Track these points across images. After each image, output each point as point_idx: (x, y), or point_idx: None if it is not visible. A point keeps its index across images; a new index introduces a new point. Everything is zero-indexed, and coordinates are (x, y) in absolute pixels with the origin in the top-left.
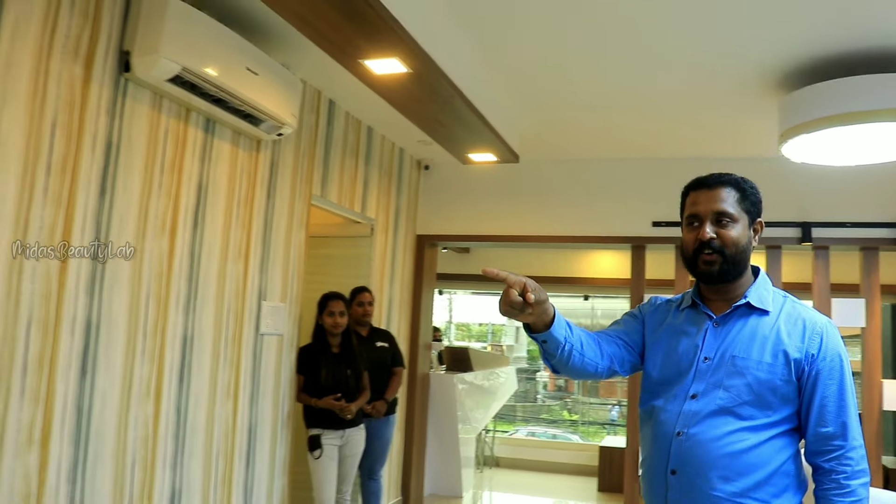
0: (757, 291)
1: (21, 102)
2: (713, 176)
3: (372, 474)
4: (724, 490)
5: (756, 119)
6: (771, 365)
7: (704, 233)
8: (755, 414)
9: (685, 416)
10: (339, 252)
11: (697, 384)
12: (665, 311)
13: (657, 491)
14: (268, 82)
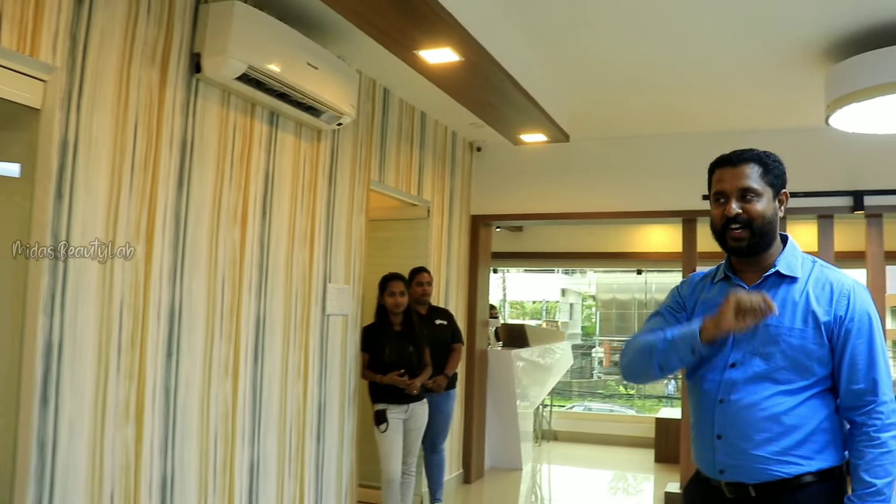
0: (786, 259)
1: (108, 107)
2: (736, 153)
3: (434, 447)
4: (767, 450)
5: (804, 90)
6: (802, 330)
7: (731, 209)
8: (792, 378)
9: (726, 384)
10: (397, 234)
11: (735, 353)
12: (701, 287)
13: (706, 454)
14: (327, 75)
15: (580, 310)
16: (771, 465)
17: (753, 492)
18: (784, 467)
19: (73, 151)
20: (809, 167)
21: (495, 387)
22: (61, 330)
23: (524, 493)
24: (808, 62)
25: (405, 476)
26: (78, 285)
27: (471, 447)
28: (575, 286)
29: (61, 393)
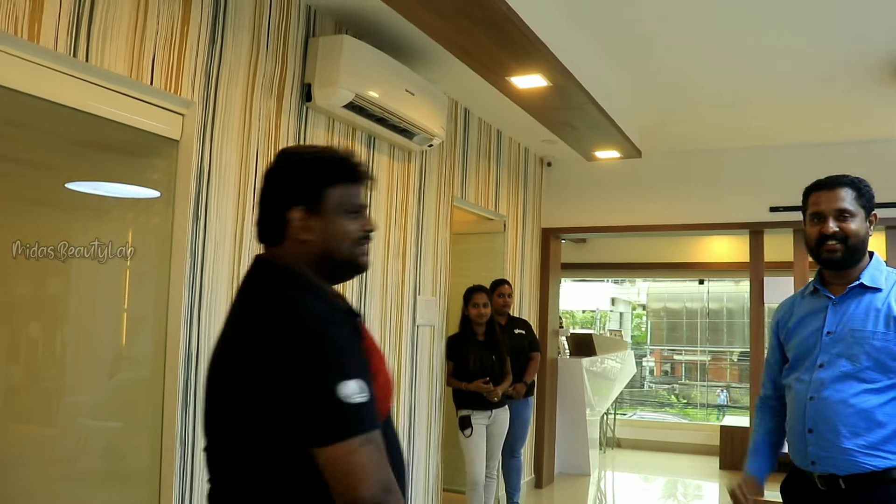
0: (870, 273)
1: (235, 136)
2: (831, 178)
3: (513, 452)
4: (854, 444)
5: (874, 104)
6: (885, 333)
7: (828, 227)
8: (877, 377)
9: (815, 384)
10: (475, 247)
11: (823, 355)
12: (792, 304)
13: (799, 448)
14: (422, 100)
15: (630, 319)
16: (859, 457)
17: (843, 484)
18: (872, 460)
19: (206, 178)
20: (878, 178)
21: (565, 395)
22: (198, 341)
23: (593, 497)
24: (881, 78)
25: (487, 479)
26: (212, 301)
27: (542, 453)
28: (624, 295)
29: (199, 399)
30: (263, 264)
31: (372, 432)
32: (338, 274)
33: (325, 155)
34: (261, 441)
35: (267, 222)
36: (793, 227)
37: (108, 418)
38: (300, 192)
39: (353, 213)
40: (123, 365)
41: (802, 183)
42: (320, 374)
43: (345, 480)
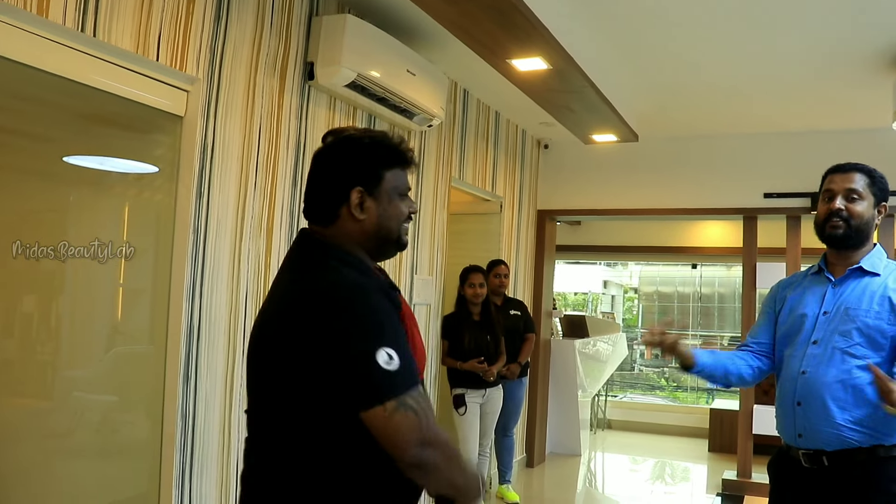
0: (870, 259)
1: (238, 113)
2: (849, 163)
3: (506, 431)
4: (841, 417)
5: (868, 93)
6: (878, 312)
7: (835, 204)
8: (868, 354)
9: (808, 358)
10: (471, 227)
11: (818, 332)
12: (791, 283)
13: (787, 420)
14: (423, 81)
15: (622, 302)
16: (845, 431)
17: (827, 461)
18: (857, 435)
19: (210, 154)
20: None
21: (557, 376)
22: (199, 316)
23: (583, 477)
24: (875, 68)
25: (480, 457)
26: (214, 276)
27: (534, 433)
28: (616, 278)
29: (199, 373)
30: (311, 239)
31: (407, 395)
32: (384, 251)
33: (383, 140)
34: (303, 403)
35: (322, 201)
36: (786, 214)
37: (108, 391)
38: (360, 173)
39: (403, 196)
40: (120, 339)
41: (796, 170)
42: (358, 340)
43: (387, 443)
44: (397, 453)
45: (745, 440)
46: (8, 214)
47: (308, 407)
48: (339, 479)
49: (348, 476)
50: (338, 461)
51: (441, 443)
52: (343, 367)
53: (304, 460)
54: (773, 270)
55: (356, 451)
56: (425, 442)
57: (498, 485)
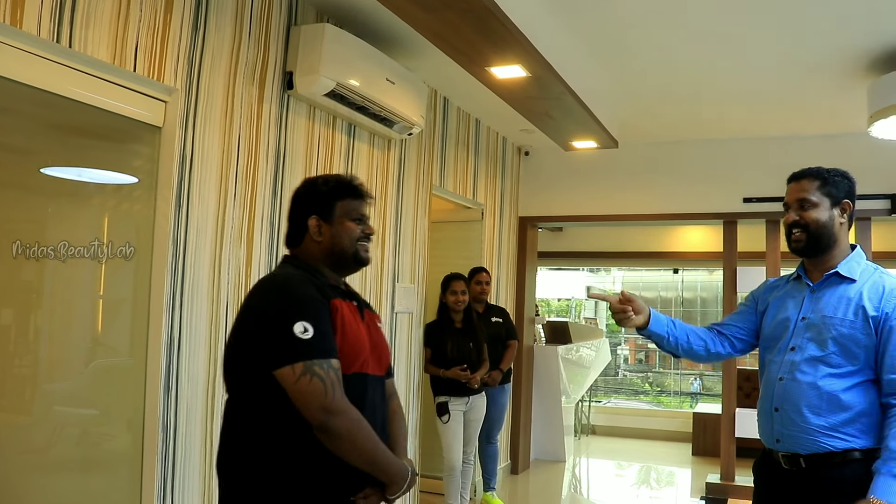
0: (848, 264)
1: (217, 123)
2: (801, 170)
3: (490, 438)
4: (815, 423)
5: (844, 99)
6: (852, 322)
7: (790, 217)
8: (842, 363)
9: (786, 365)
10: (453, 235)
11: (796, 339)
12: (776, 286)
13: (766, 425)
14: (402, 89)
15: (605, 307)
16: (820, 437)
17: (804, 463)
18: (832, 441)
19: (189, 165)
20: (848, 171)
21: (541, 382)
22: (180, 327)
23: (568, 483)
24: (850, 73)
25: (464, 465)
26: (193, 287)
27: (518, 439)
28: (599, 284)
29: (181, 384)
30: (283, 257)
31: (315, 362)
32: (343, 265)
33: (335, 177)
34: (244, 367)
35: (291, 229)
36: (765, 218)
37: (88, 405)
38: (316, 204)
39: (356, 220)
40: (101, 352)
41: (775, 175)
42: (280, 311)
43: (296, 403)
44: (305, 414)
45: (727, 444)
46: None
47: (246, 370)
48: (272, 436)
49: (279, 433)
50: (269, 419)
51: (348, 415)
52: (266, 333)
53: (246, 417)
54: (754, 274)
55: (284, 410)
56: (329, 410)
57: (483, 492)
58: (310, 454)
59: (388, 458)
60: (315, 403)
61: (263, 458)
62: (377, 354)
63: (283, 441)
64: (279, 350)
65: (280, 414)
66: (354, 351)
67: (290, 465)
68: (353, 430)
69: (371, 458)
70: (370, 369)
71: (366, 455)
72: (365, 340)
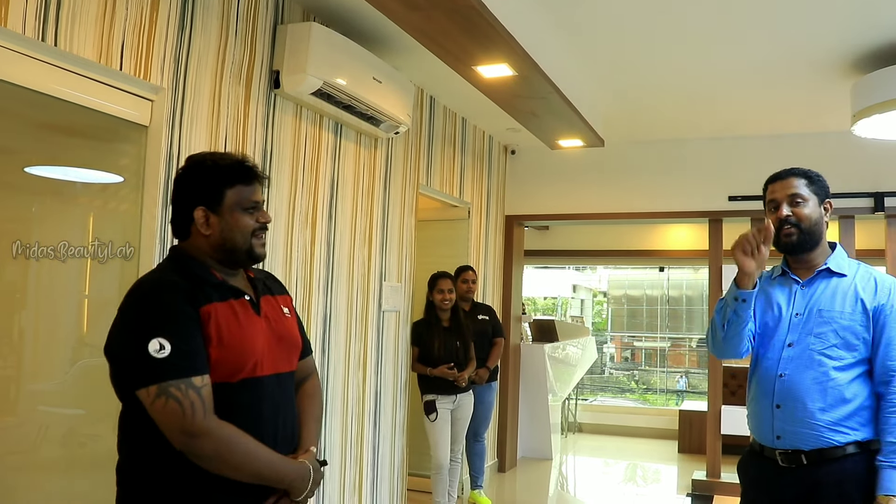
0: (835, 260)
1: (203, 122)
2: (784, 170)
3: (477, 436)
4: (821, 419)
5: (828, 97)
6: (851, 314)
7: (782, 212)
8: (843, 355)
9: (784, 361)
10: (439, 234)
11: (791, 335)
12: (759, 280)
13: (765, 423)
14: (389, 88)
15: (591, 306)
16: (824, 432)
17: (805, 459)
18: (835, 435)
19: (176, 164)
20: (832, 170)
21: (527, 380)
22: None
23: (555, 480)
24: (834, 73)
25: (452, 463)
26: None
27: (505, 437)
28: (586, 282)
29: None
30: (171, 249)
31: (171, 383)
32: (235, 260)
33: (223, 159)
34: (115, 384)
35: (176, 220)
36: (750, 216)
37: (74, 405)
38: (202, 193)
39: (250, 210)
40: (86, 351)
41: (760, 173)
42: (135, 329)
43: (159, 426)
44: (168, 437)
45: (713, 441)
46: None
47: (117, 390)
48: (152, 456)
49: (157, 454)
50: (147, 439)
51: (213, 435)
52: (123, 350)
53: (133, 428)
54: None
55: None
56: (189, 433)
57: (470, 490)
58: (197, 469)
59: (277, 468)
60: (174, 427)
61: (150, 471)
62: (282, 348)
63: (167, 455)
64: (134, 370)
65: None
66: (237, 358)
67: (177, 479)
68: (222, 451)
69: (254, 472)
70: (266, 370)
71: (246, 470)
72: (255, 341)
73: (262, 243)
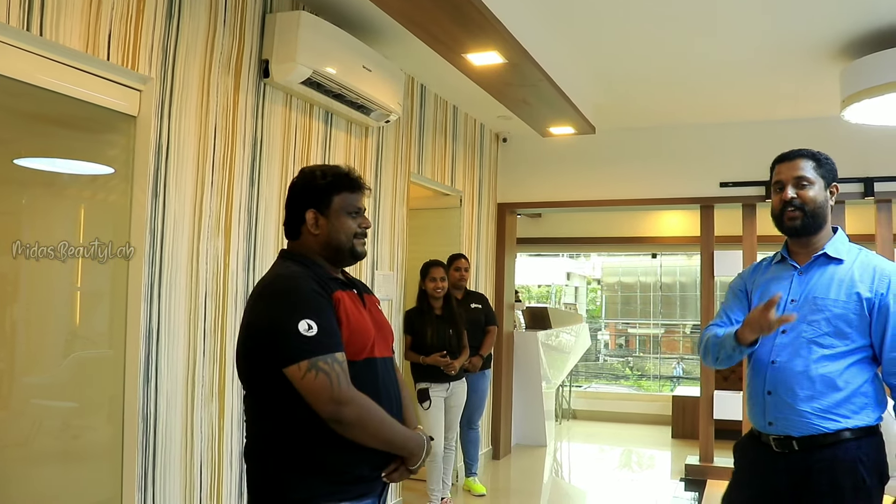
0: (834, 245)
1: (193, 112)
2: (793, 151)
3: (471, 424)
4: (811, 406)
5: (818, 83)
6: (845, 302)
7: (787, 193)
8: (835, 343)
9: (777, 348)
10: (431, 222)
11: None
12: (759, 267)
13: (758, 409)
14: (379, 77)
15: (585, 293)
16: (814, 419)
17: (797, 445)
18: (825, 422)
19: (165, 154)
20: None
21: (521, 367)
22: (159, 317)
23: (549, 467)
24: (823, 58)
25: (446, 451)
26: (171, 277)
27: (499, 425)
28: (579, 270)
29: (160, 374)
30: (281, 251)
31: (320, 358)
32: (339, 259)
33: (333, 169)
34: (258, 368)
35: (289, 222)
36: (742, 202)
37: (67, 398)
38: (313, 197)
39: (353, 214)
40: (79, 344)
41: (751, 159)
42: (284, 311)
43: (306, 398)
44: (316, 408)
45: (706, 426)
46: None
47: (260, 369)
48: (297, 427)
49: (301, 424)
50: (291, 411)
51: (356, 403)
52: (274, 333)
53: (268, 411)
54: (731, 258)
55: (302, 401)
56: (338, 400)
57: (465, 478)
58: (333, 440)
59: (403, 436)
60: (323, 397)
61: (290, 447)
62: (383, 336)
63: (307, 430)
64: (286, 349)
65: (300, 405)
66: (361, 339)
67: (317, 452)
68: (364, 417)
69: (386, 439)
70: (378, 352)
71: (380, 437)
72: (369, 326)
73: (362, 243)
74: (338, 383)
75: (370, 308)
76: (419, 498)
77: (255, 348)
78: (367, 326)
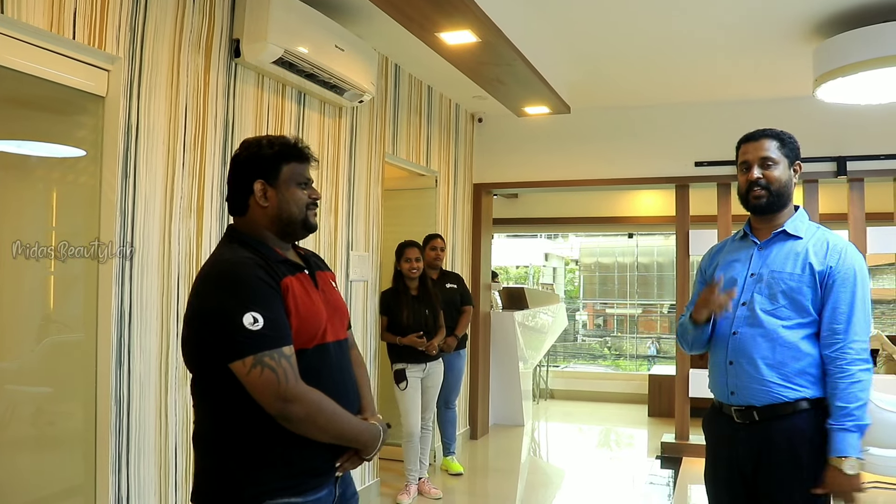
0: (793, 223)
1: (162, 92)
2: (758, 131)
3: (448, 403)
4: (769, 375)
5: (791, 62)
6: (800, 276)
7: (753, 174)
8: (791, 315)
9: (738, 319)
10: (407, 203)
11: (745, 294)
12: (719, 248)
13: (720, 379)
14: (352, 56)
15: (563, 274)
16: (774, 387)
17: (757, 415)
18: (785, 391)
19: (135, 135)
20: (795, 134)
21: (498, 348)
22: (130, 300)
23: (527, 447)
24: (796, 37)
25: (423, 431)
26: (143, 259)
27: (476, 405)
28: (557, 251)
29: (133, 357)
30: (229, 228)
31: (266, 353)
32: (291, 232)
33: (279, 139)
34: (203, 361)
35: (234, 195)
36: (716, 182)
37: (41, 383)
38: (261, 167)
39: (302, 185)
40: (53, 329)
41: (725, 139)
42: (229, 304)
43: (252, 394)
44: (262, 405)
45: (682, 404)
46: None
47: (204, 361)
48: (243, 418)
49: (249, 415)
50: (237, 403)
51: (304, 399)
52: (217, 326)
53: (215, 400)
54: (706, 237)
55: (246, 396)
56: (284, 398)
57: (442, 457)
58: (283, 433)
59: (355, 429)
60: (269, 394)
61: (240, 439)
62: (337, 317)
63: (257, 422)
64: (230, 344)
65: (248, 397)
66: (312, 326)
67: (267, 444)
68: (313, 413)
69: (337, 434)
70: (330, 336)
71: (331, 432)
72: (320, 310)
73: (314, 214)
74: (285, 380)
75: (323, 288)
76: (397, 478)
77: (200, 337)
78: (318, 311)
